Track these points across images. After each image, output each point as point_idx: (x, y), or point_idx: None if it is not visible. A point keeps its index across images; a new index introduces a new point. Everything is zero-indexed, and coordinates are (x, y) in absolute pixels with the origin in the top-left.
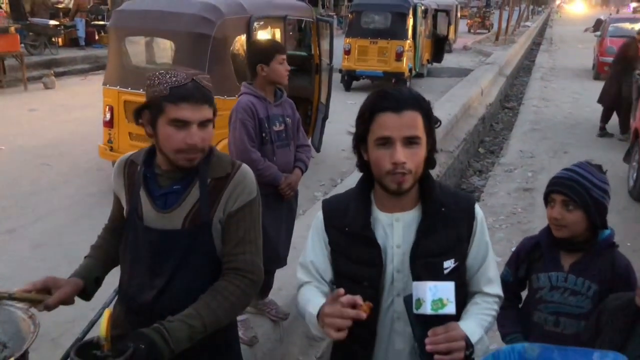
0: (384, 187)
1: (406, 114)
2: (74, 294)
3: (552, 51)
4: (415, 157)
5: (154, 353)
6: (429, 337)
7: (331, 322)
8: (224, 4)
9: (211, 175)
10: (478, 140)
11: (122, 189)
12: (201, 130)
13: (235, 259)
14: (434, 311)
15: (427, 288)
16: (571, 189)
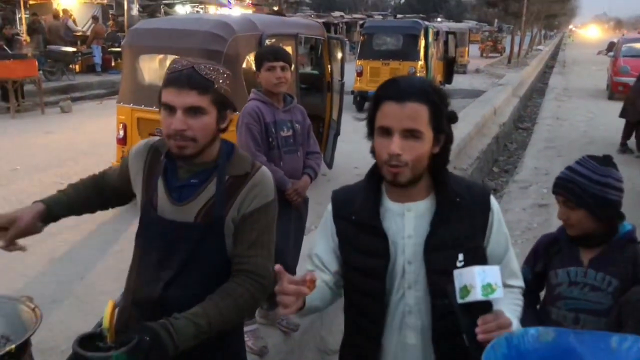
0: (383, 177)
1: (409, 105)
2: (34, 218)
3: (565, 73)
4: (414, 150)
5: (158, 346)
6: (480, 325)
7: (279, 299)
8: (236, 22)
9: (230, 172)
10: (492, 159)
11: (140, 173)
12: (189, 118)
13: (247, 261)
14: (484, 297)
15: (476, 273)
16: (568, 190)
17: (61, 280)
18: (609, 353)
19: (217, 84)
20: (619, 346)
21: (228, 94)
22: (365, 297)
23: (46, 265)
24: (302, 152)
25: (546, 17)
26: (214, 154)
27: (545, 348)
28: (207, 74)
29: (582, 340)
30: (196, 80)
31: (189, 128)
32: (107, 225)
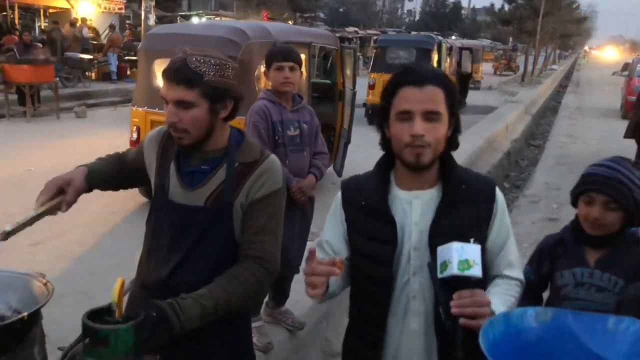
0: (403, 162)
1: (428, 88)
2: (84, 180)
3: (579, 92)
4: (435, 131)
5: (165, 323)
6: (455, 300)
7: (307, 280)
8: (251, 28)
9: (240, 159)
10: (503, 175)
11: (154, 158)
12: (179, 110)
13: (254, 247)
14: (460, 271)
15: (454, 249)
16: (616, 190)
17: (70, 277)
18: (606, 334)
19: (207, 77)
20: (615, 327)
21: (223, 84)
22: (371, 283)
23: (56, 262)
24: (308, 152)
25: (561, 37)
26: (224, 142)
27: (543, 327)
28: (196, 67)
29: (579, 320)
30: (183, 75)
31: (180, 120)
32: (117, 225)
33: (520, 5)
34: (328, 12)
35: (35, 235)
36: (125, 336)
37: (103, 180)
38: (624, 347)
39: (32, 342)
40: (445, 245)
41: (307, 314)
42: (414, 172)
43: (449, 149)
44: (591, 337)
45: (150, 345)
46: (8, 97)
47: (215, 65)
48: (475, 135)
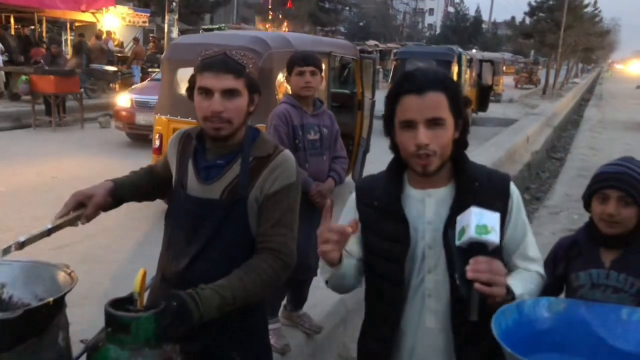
0: (411, 169)
1: (429, 95)
2: (107, 195)
3: (602, 106)
4: (440, 138)
5: (184, 312)
6: (471, 264)
7: (321, 237)
8: (271, 38)
9: (254, 154)
10: (523, 187)
11: (174, 157)
12: (225, 100)
13: (271, 239)
14: (477, 235)
15: (473, 213)
16: (630, 185)
17: (92, 280)
18: (619, 324)
19: (248, 69)
20: (629, 317)
21: (257, 78)
22: (386, 282)
23: (79, 265)
24: (328, 156)
25: (583, 50)
26: (240, 138)
27: (555, 317)
28: (239, 59)
29: (592, 311)
30: (231, 65)
31: (226, 110)
32: (140, 230)
33: (542, 18)
34: (348, 26)
35: (60, 240)
36: (147, 324)
37: (133, 191)
38: (638, 336)
39: (57, 329)
40: (464, 212)
41: (325, 318)
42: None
43: (458, 150)
44: (604, 327)
45: (170, 333)
46: (35, 107)
47: (251, 59)
48: (495, 146)
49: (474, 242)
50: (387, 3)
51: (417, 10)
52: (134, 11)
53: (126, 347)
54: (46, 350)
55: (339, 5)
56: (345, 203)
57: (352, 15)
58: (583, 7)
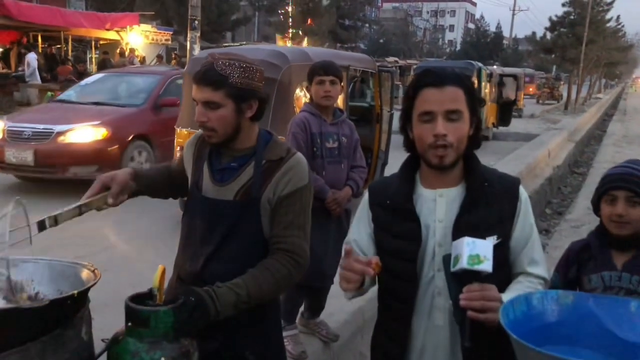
0: (427, 162)
1: (447, 89)
2: (130, 178)
3: (626, 120)
4: (457, 131)
5: (201, 307)
6: (464, 292)
7: (342, 274)
8: (290, 52)
9: (267, 157)
10: (545, 201)
11: (190, 159)
12: (207, 110)
13: (284, 240)
14: (469, 266)
15: (465, 243)
16: (636, 184)
17: (114, 288)
18: (628, 317)
19: (231, 79)
20: (637, 310)
21: (247, 85)
22: (397, 280)
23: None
24: (346, 165)
25: (606, 65)
26: (253, 141)
27: (564, 310)
28: (221, 70)
29: (601, 304)
30: (210, 77)
31: (208, 120)
32: (159, 239)
33: (563, 33)
34: (368, 43)
35: (80, 250)
36: (165, 318)
37: (150, 184)
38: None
39: (81, 322)
40: (458, 239)
41: (342, 326)
42: (439, 171)
43: (471, 148)
44: (613, 320)
45: (188, 327)
46: None
47: (239, 67)
48: (516, 160)
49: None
50: (407, 20)
51: (437, 26)
52: (157, 29)
53: (145, 340)
54: (70, 342)
55: (358, 23)
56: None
57: (372, 32)
58: (605, 22)
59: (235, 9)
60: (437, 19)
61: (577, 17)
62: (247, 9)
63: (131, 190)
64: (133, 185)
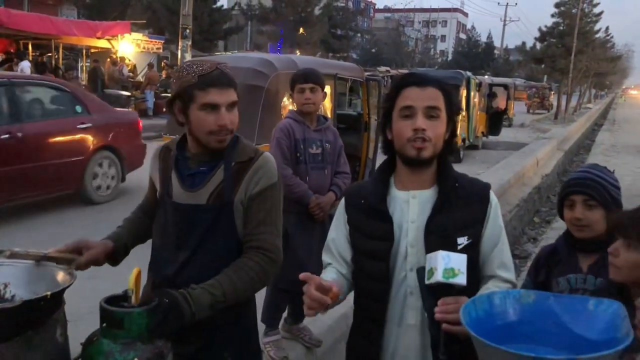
0: (404, 158)
1: (429, 89)
2: (104, 254)
3: (614, 130)
4: (436, 128)
5: (176, 309)
6: (439, 306)
7: (306, 301)
8: (278, 60)
9: (235, 159)
10: (533, 210)
11: (156, 172)
12: (229, 113)
13: (256, 238)
14: (445, 279)
15: (440, 257)
16: (591, 188)
17: (99, 295)
18: (586, 314)
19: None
20: (595, 308)
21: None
22: (371, 280)
23: (86, 281)
24: (329, 171)
25: (595, 75)
26: None
27: (525, 309)
28: (228, 72)
29: (561, 302)
30: (229, 79)
31: (231, 122)
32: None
33: (552, 43)
34: (360, 52)
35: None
36: (139, 319)
37: (134, 237)
38: (602, 324)
39: (55, 324)
40: (432, 253)
41: (325, 332)
42: (414, 169)
43: (445, 152)
44: (572, 318)
45: (162, 329)
46: None
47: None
48: (505, 169)
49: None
50: (399, 30)
51: (429, 36)
52: (148, 38)
53: (119, 341)
54: (44, 344)
55: (351, 32)
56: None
57: (364, 42)
58: (594, 33)
59: (227, 18)
60: (429, 29)
61: (566, 28)
62: (240, 18)
63: (100, 263)
64: (100, 261)
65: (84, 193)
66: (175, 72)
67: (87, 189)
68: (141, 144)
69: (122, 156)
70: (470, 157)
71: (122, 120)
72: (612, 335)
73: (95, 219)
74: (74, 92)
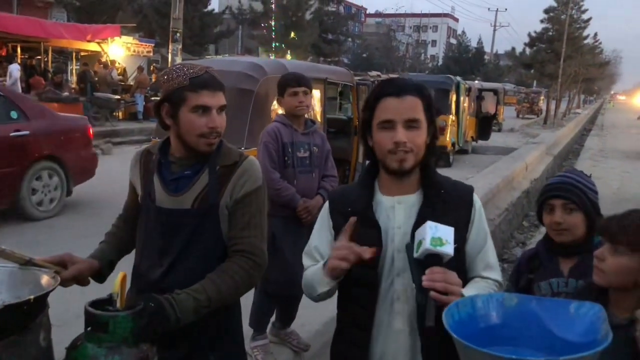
0: (386, 168)
1: (407, 98)
2: (89, 273)
3: (603, 135)
4: (416, 138)
5: (161, 313)
6: (427, 274)
7: (337, 253)
8: (268, 64)
9: (220, 162)
10: (522, 214)
11: (137, 177)
12: (219, 115)
13: (241, 241)
14: (432, 246)
15: (428, 227)
16: (570, 192)
17: (87, 298)
18: (568, 317)
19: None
20: (576, 311)
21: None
22: (358, 286)
23: (72, 287)
24: (317, 174)
25: (584, 81)
26: None
27: (508, 312)
28: (218, 77)
29: (543, 306)
30: (219, 82)
31: (220, 125)
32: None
33: (541, 49)
34: (351, 57)
35: None
36: (124, 323)
37: (121, 251)
38: (582, 327)
39: (39, 328)
40: (421, 226)
41: (313, 337)
42: (397, 178)
43: (428, 156)
44: (554, 321)
45: (147, 333)
46: None
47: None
48: (494, 173)
49: (430, 253)
50: (390, 35)
51: (419, 41)
52: (139, 41)
53: (103, 345)
54: (27, 348)
55: (342, 37)
56: None
57: (355, 47)
58: (583, 39)
59: (218, 22)
60: (420, 34)
61: (555, 34)
62: (231, 22)
63: (84, 282)
64: (83, 280)
65: (20, 209)
66: (163, 74)
67: (24, 204)
68: (92, 153)
69: (67, 167)
70: (460, 161)
71: (69, 127)
72: (593, 338)
73: (34, 237)
74: (9, 96)
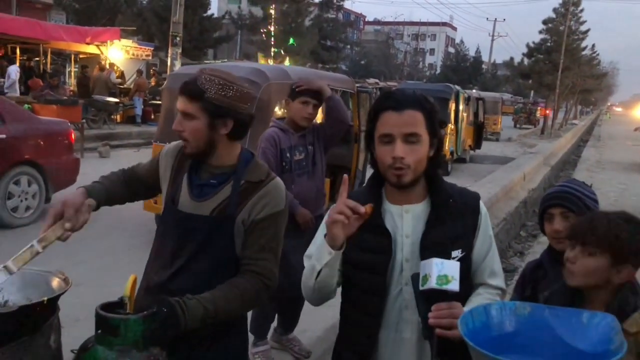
0: (387, 181)
1: (407, 112)
2: (81, 199)
3: (600, 147)
4: (415, 153)
5: (173, 318)
6: (433, 311)
7: (334, 209)
8: (270, 70)
9: (246, 177)
10: (520, 223)
11: (168, 169)
12: (183, 120)
13: (255, 263)
14: (438, 285)
15: (434, 264)
16: (568, 200)
17: (85, 303)
18: (580, 327)
19: (208, 94)
20: (589, 321)
21: (222, 102)
22: (366, 294)
23: (73, 288)
24: (317, 171)
25: (581, 92)
26: (233, 160)
27: (521, 321)
28: (201, 84)
29: (556, 315)
30: (189, 89)
31: (184, 130)
32: (131, 254)
33: (540, 59)
34: (349, 64)
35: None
36: (135, 326)
37: (108, 195)
38: (596, 337)
39: (49, 330)
40: (426, 260)
41: (315, 343)
42: (401, 189)
43: (433, 167)
44: (566, 330)
45: (157, 337)
46: None
47: (218, 84)
48: (492, 183)
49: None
50: (388, 42)
51: (418, 50)
52: (138, 45)
53: (114, 348)
54: (38, 350)
55: (340, 44)
56: None
57: (354, 54)
58: (580, 50)
59: (217, 27)
60: (418, 42)
61: (553, 44)
62: (230, 27)
63: (91, 207)
64: (92, 203)
65: None
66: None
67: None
68: (73, 158)
69: (46, 173)
70: (458, 170)
71: (48, 132)
72: (606, 347)
73: (8, 245)
74: None
